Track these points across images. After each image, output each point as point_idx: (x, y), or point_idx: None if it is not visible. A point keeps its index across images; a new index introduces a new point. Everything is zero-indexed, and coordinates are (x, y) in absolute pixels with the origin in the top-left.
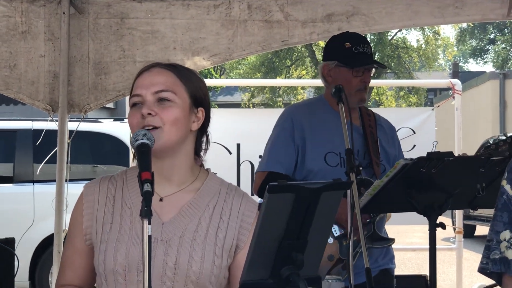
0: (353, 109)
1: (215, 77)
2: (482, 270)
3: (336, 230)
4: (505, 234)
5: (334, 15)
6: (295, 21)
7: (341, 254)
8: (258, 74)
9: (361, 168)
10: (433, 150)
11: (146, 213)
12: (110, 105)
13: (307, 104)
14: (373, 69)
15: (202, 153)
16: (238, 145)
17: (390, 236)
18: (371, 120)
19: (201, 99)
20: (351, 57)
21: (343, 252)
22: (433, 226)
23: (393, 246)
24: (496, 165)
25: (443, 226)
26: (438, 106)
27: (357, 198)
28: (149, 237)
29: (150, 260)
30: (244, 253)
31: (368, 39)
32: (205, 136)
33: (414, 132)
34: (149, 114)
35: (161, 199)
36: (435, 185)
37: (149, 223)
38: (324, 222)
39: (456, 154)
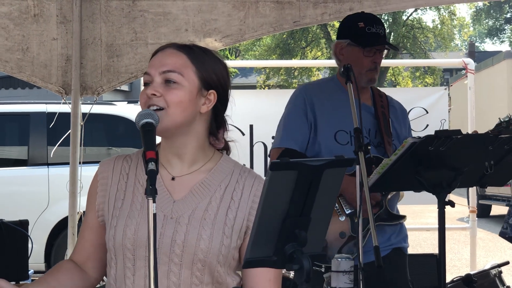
0: (364, 89)
1: (230, 59)
2: (502, 234)
3: (347, 208)
4: None
5: None
6: (306, 1)
7: (352, 231)
8: (273, 56)
9: (369, 147)
10: (442, 129)
11: (151, 191)
12: (125, 87)
13: (319, 83)
14: (385, 51)
15: (223, 135)
16: (251, 126)
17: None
18: (383, 101)
19: (213, 81)
20: (363, 36)
21: (355, 229)
22: (442, 204)
23: (408, 226)
24: (504, 143)
25: (452, 204)
26: (451, 85)
27: (366, 177)
28: (154, 215)
29: (155, 238)
30: None
31: (383, 19)
32: (222, 118)
33: (427, 112)
34: (153, 94)
35: (173, 178)
36: (444, 163)
37: (154, 202)
38: (327, 199)
39: (469, 132)
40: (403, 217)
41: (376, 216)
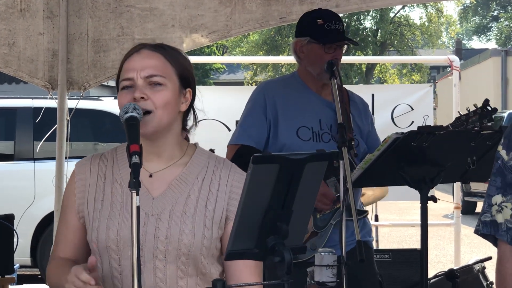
0: (325, 85)
1: (218, 55)
2: (476, 231)
3: None
4: (497, 198)
5: None
6: None
7: (315, 227)
8: (261, 52)
9: (353, 143)
10: (424, 125)
11: (134, 184)
12: (112, 83)
13: (280, 80)
14: (345, 46)
15: (192, 129)
16: (237, 122)
17: (392, 213)
18: (344, 96)
19: (188, 79)
20: (323, 33)
21: (317, 225)
22: (425, 200)
23: (394, 222)
24: (486, 139)
25: (434, 199)
26: (436, 82)
27: (349, 172)
28: (138, 208)
29: (138, 232)
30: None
31: (370, 17)
32: (192, 113)
33: (412, 109)
34: (142, 98)
35: (150, 175)
36: (427, 158)
37: (137, 194)
38: (309, 192)
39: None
40: (365, 212)
41: (338, 212)
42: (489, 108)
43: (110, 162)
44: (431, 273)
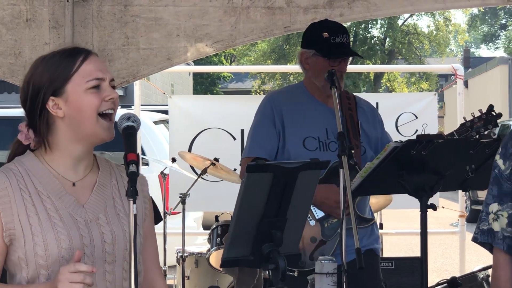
0: (331, 95)
1: (225, 64)
2: (474, 239)
3: (317, 213)
4: (493, 207)
5: (336, 1)
6: (297, 7)
7: (323, 236)
8: (269, 61)
9: (353, 151)
10: (423, 133)
11: (132, 193)
12: (120, 92)
13: (286, 91)
14: (350, 58)
15: None
16: (242, 131)
17: (400, 221)
18: (351, 103)
19: None
20: (328, 47)
21: (325, 234)
22: (424, 208)
23: (400, 230)
24: (485, 147)
25: (434, 207)
26: (441, 91)
27: (349, 181)
28: (135, 216)
29: (135, 236)
30: (147, 223)
31: (379, 25)
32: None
33: (417, 117)
34: (111, 99)
35: (73, 184)
36: (426, 167)
37: (134, 203)
38: (303, 200)
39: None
40: (371, 220)
41: (346, 220)
42: (493, 113)
43: (25, 175)
44: (436, 281)
